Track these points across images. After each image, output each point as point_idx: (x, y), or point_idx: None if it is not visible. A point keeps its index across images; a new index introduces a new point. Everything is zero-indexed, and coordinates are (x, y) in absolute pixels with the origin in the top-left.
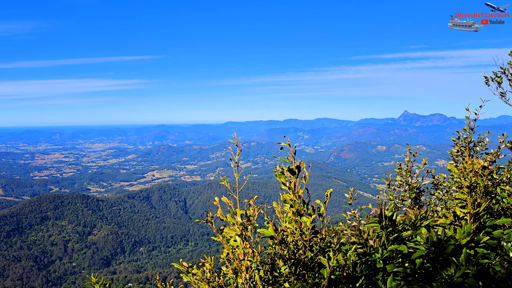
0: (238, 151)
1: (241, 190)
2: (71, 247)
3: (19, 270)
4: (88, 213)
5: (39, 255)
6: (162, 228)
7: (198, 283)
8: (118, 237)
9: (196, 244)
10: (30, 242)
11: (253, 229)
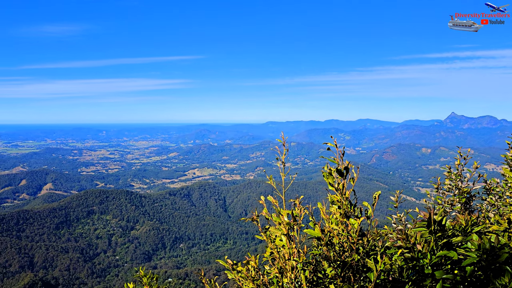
0: (285, 150)
1: (281, 191)
2: (114, 241)
3: (66, 261)
4: (131, 208)
5: (85, 248)
6: (202, 225)
7: (242, 281)
8: (159, 232)
9: (234, 243)
10: (77, 235)
11: (298, 229)
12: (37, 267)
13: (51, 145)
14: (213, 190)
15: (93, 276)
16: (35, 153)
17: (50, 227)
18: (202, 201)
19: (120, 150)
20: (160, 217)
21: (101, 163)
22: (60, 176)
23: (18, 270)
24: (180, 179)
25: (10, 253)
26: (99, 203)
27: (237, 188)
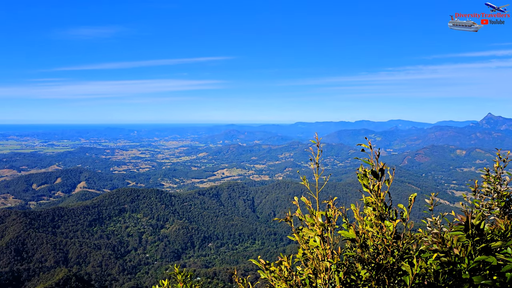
0: (319, 151)
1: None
2: (145, 239)
3: (99, 257)
4: (161, 207)
5: (117, 245)
6: (230, 225)
7: (275, 281)
8: (188, 231)
9: (263, 243)
10: (109, 232)
11: (332, 231)
12: (71, 263)
13: (85, 145)
14: (241, 190)
15: (124, 273)
16: (69, 152)
17: (83, 224)
18: (230, 201)
19: (151, 149)
20: (189, 216)
21: (133, 162)
22: (93, 175)
23: (53, 265)
24: (209, 179)
25: (46, 249)
26: (130, 201)
27: (266, 188)
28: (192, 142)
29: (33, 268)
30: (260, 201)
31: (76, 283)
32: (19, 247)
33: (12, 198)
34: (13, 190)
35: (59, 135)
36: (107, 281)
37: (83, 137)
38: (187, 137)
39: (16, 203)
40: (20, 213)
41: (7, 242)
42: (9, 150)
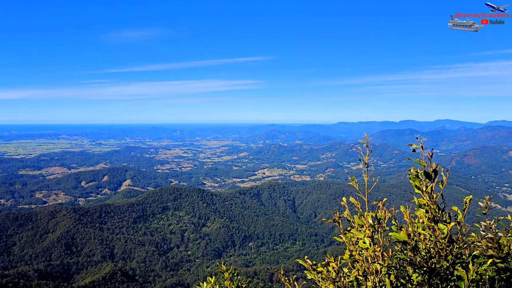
0: (368, 151)
1: (353, 193)
2: (187, 237)
3: (143, 253)
4: (203, 206)
5: (160, 242)
6: (271, 225)
7: (322, 282)
8: (229, 230)
9: (303, 244)
10: (152, 229)
11: (383, 232)
12: (117, 258)
13: (130, 144)
14: (282, 191)
15: (167, 269)
16: (116, 151)
17: (128, 220)
18: (271, 201)
19: (193, 149)
20: (230, 215)
21: (175, 161)
22: (138, 173)
23: (100, 259)
24: (250, 178)
25: (94, 244)
26: (173, 199)
27: (307, 189)
28: (233, 141)
29: (82, 262)
30: (301, 202)
31: (121, 278)
32: (69, 241)
33: (63, 194)
34: (64, 187)
35: (106, 135)
36: (151, 277)
37: (129, 137)
38: (228, 137)
39: (66, 199)
40: (70, 209)
41: (58, 236)
42: (60, 149)
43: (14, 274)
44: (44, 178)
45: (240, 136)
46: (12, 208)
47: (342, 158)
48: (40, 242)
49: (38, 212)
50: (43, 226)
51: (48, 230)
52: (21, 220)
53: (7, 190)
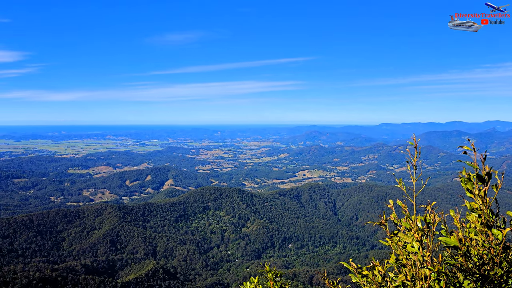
0: (416, 153)
1: (396, 196)
2: (227, 237)
3: (184, 252)
4: (243, 206)
5: (200, 241)
6: (311, 227)
7: (367, 286)
8: (269, 231)
9: (344, 247)
10: (193, 228)
11: (432, 237)
12: (159, 256)
13: (172, 144)
14: (323, 192)
15: (207, 268)
16: (158, 151)
17: (170, 219)
18: (311, 202)
19: (234, 150)
20: (270, 216)
21: (216, 162)
22: (179, 173)
23: (143, 257)
24: (290, 180)
25: (137, 241)
26: (213, 199)
27: (348, 191)
28: (273, 142)
29: (126, 259)
30: (342, 204)
31: (163, 275)
32: (114, 238)
33: (109, 193)
34: (109, 185)
35: (150, 135)
36: (191, 275)
37: (171, 137)
38: (268, 138)
39: (111, 197)
40: (115, 207)
41: (104, 233)
42: (106, 149)
43: (63, 268)
44: (91, 177)
45: (280, 137)
46: (61, 205)
47: (385, 160)
48: (87, 238)
49: (85, 209)
50: (90, 223)
51: (94, 227)
52: (70, 216)
53: (57, 188)
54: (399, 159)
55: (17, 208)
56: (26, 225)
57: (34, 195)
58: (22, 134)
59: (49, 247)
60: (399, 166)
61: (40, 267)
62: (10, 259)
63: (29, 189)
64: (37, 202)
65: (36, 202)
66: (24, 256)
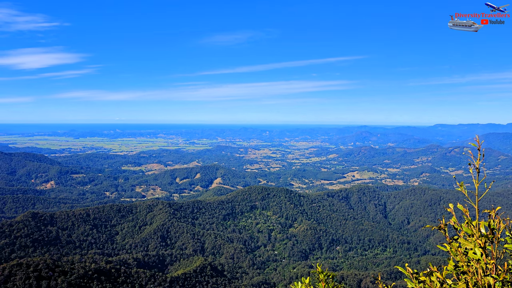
0: (479, 155)
1: (451, 200)
2: (274, 236)
3: (231, 250)
4: (290, 206)
5: (247, 240)
6: (360, 230)
7: None
8: (316, 233)
9: (394, 252)
10: (240, 227)
11: (496, 244)
12: (207, 253)
13: (221, 143)
14: (372, 195)
15: (254, 267)
16: (208, 150)
17: (218, 217)
18: (360, 205)
19: (282, 149)
20: (318, 217)
21: (264, 161)
22: (228, 172)
23: (191, 253)
24: (339, 181)
25: (186, 238)
26: (261, 199)
27: (399, 194)
28: (322, 143)
29: (175, 254)
30: (393, 207)
31: (211, 272)
32: (164, 234)
33: (160, 189)
34: (160, 182)
35: (199, 134)
36: (238, 273)
37: (220, 136)
38: (317, 138)
39: (162, 194)
40: (165, 203)
41: (155, 228)
42: (158, 147)
43: (116, 261)
44: (143, 174)
45: (329, 138)
46: (115, 200)
47: (439, 163)
48: (139, 233)
49: (137, 205)
50: (142, 218)
51: (146, 222)
52: (123, 212)
53: (112, 184)
54: (454, 161)
55: (75, 202)
56: (83, 218)
57: (90, 190)
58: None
59: (103, 240)
60: (454, 169)
61: (95, 258)
62: (68, 250)
63: (86, 184)
64: (93, 196)
65: (92, 196)
66: (81, 248)
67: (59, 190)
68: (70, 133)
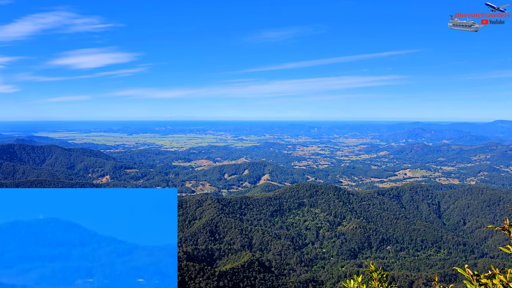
0: None
1: (511, 201)
2: (322, 234)
3: (278, 246)
4: (339, 204)
5: (295, 237)
6: (412, 230)
7: None
8: (366, 231)
9: (449, 253)
10: (288, 224)
11: None
12: (254, 248)
13: (269, 140)
14: (425, 193)
15: (301, 264)
16: (256, 146)
17: (266, 213)
18: (413, 204)
19: (330, 146)
20: (367, 216)
21: (312, 158)
22: (276, 169)
23: (239, 248)
24: (390, 179)
25: (234, 233)
26: (309, 196)
27: (455, 193)
28: (372, 140)
29: (223, 249)
30: (448, 207)
31: (258, 268)
32: (213, 228)
33: (208, 185)
34: (209, 178)
35: (247, 131)
36: (286, 270)
37: (268, 133)
38: (367, 135)
39: (211, 189)
40: (214, 199)
41: (204, 223)
42: (207, 143)
43: None
44: (193, 170)
45: (380, 134)
46: None
47: (499, 161)
48: (189, 227)
49: (187, 200)
50: (191, 213)
51: (195, 217)
52: None
53: (163, 179)
54: None
55: None
56: None
57: (143, 185)
58: (134, 129)
59: None
60: None
61: None
62: None
63: (139, 179)
64: None
65: None
66: None
67: (114, 184)
68: (124, 129)
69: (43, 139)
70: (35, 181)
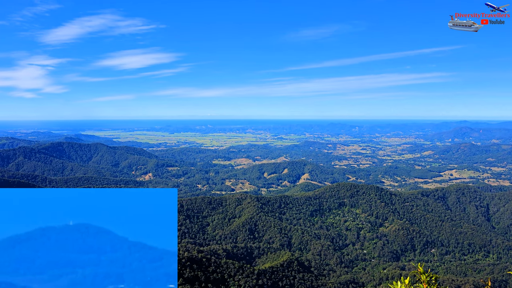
0: None
1: None
2: (363, 235)
3: (318, 246)
4: (380, 205)
5: (335, 237)
6: (458, 232)
7: None
8: (409, 233)
9: (499, 258)
10: (328, 224)
11: None
12: (294, 248)
13: (309, 139)
14: (473, 195)
15: (341, 265)
16: (295, 145)
17: (305, 213)
18: (459, 206)
19: (372, 146)
20: (411, 217)
21: (353, 157)
22: (316, 168)
23: (278, 247)
24: (435, 179)
25: (273, 232)
26: (349, 196)
27: (505, 195)
28: (416, 139)
29: (262, 247)
30: (497, 209)
31: (297, 267)
32: (252, 227)
33: (248, 184)
34: (249, 177)
35: (287, 130)
36: (325, 270)
37: (308, 132)
38: (410, 134)
39: (250, 188)
40: (253, 197)
41: (243, 221)
42: (246, 142)
43: (207, 251)
44: (233, 168)
45: (424, 134)
46: (206, 193)
47: None
48: (228, 225)
49: (227, 198)
50: (231, 211)
51: (235, 215)
52: (214, 204)
53: (203, 177)
54: None
55: None
56: (178, 209)
57: (184, 182)
58: (175, 127)
59: (196, 230)
60: None
61: (188, 247)
62: None
63: (180, 176)
64: (186, 188)
65: (185, 188)
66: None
67: (156, 182)
68: (166, 128)
69: (90, 138)
70: (82, 177)
